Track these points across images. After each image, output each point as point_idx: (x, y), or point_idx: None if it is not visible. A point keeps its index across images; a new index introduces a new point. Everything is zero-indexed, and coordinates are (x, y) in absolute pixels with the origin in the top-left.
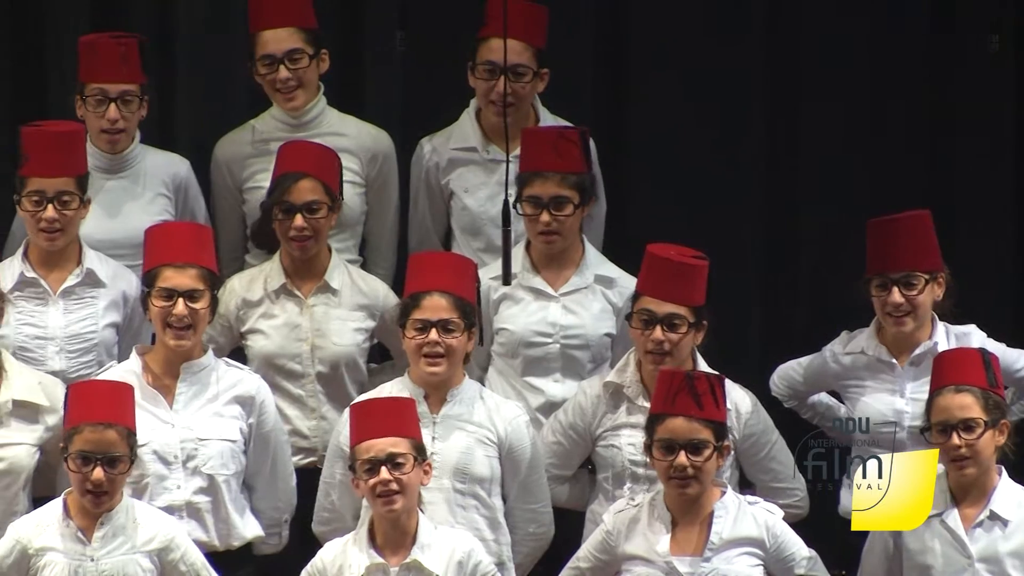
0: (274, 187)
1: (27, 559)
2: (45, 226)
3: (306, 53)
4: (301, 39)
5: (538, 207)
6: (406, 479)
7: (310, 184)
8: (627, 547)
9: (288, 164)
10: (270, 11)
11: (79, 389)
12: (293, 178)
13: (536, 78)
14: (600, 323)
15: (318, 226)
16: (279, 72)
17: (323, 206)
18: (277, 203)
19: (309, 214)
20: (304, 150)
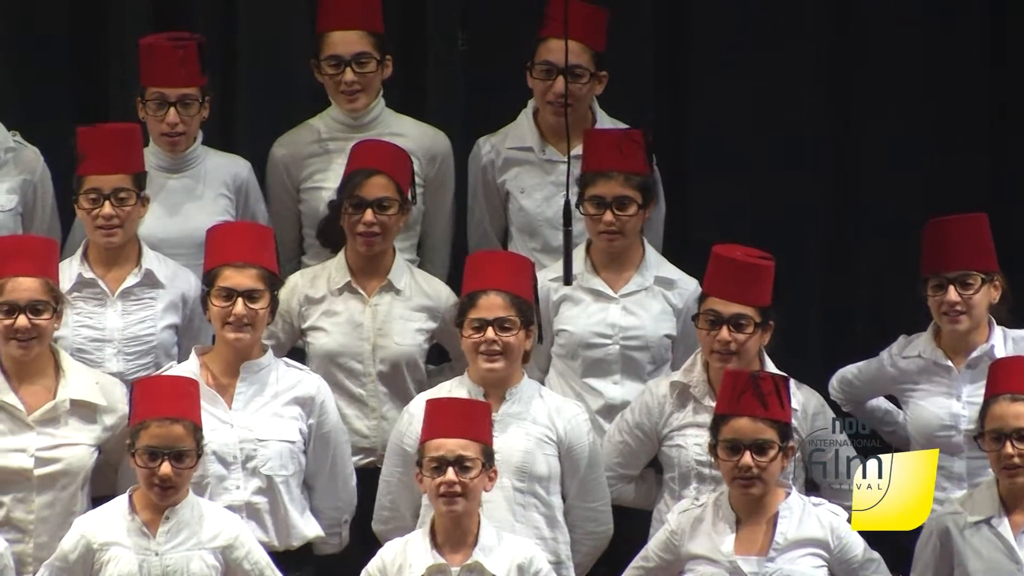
0: (345, 183)
1: (92, 554)
2: (102, 223)
3: (373, 58)
4: (369, 43)
5: (601, 207)
6: (471, 483)
7: (382, 181)
8: (691, 547)
9: (361, 161)
10: (340, 12)
11: (145, 385)
12: (365, 174)
13: (594, 80)
14: (660, 325)
15: (387, 223)
16: (345, 74)
17: (394, 204)
18: (348, 198)
19: (379, 211)
20: (378, 148)
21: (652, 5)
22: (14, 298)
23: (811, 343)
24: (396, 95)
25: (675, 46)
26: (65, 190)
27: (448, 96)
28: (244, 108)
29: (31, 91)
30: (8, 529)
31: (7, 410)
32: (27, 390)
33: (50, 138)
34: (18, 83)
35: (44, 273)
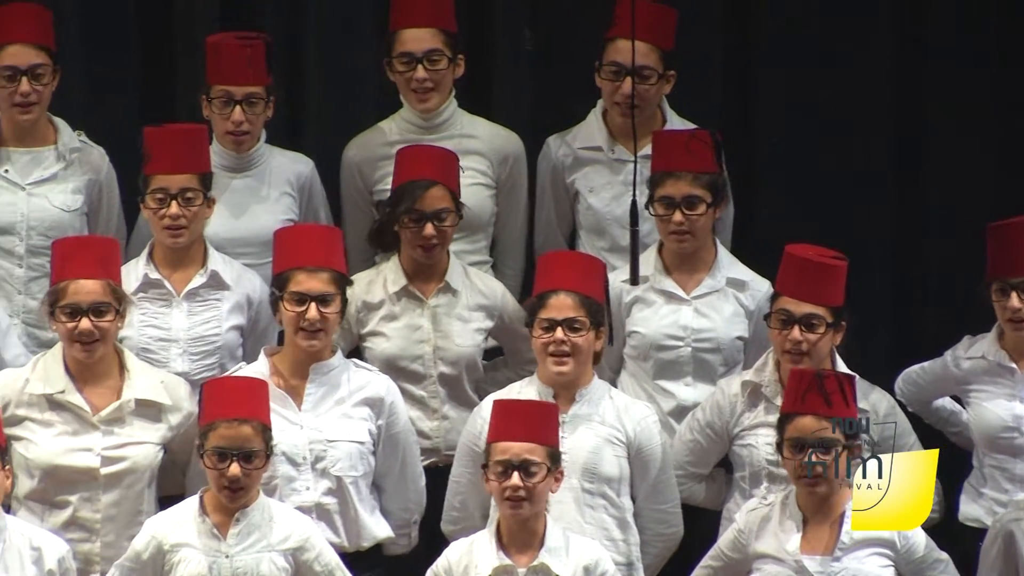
0: (402, 194)
1: (163, 555)
2: (169, 223)
3: (445, 55)
4: (441, 41)
5: (671, 207)
6: (536, 487)
7: (440, 192)
8: (758, 546)
9: (414, 170)
10: (413, 10)
11: (214, 386)
12: (423, 186)
13: (662, 80)
14: (732, 326)
15: (446, 233)
16: (416, 71)
17: (451, 214)
18: (407, 212)
19: (438, 222)
20: (427, 155)
21: (721, 3)
22: (76, 300)
23: (881, 344)
24: (464, 95)
25: (743, 45)
26: (130, 190)
27: (516, 96)
28: (311, 108)
29: (98, 90)
30: (75, 528)
31: (73, 410)
32: (92, 390)
33: (116, 138)
34: (85, 82)
35: (106, 274)
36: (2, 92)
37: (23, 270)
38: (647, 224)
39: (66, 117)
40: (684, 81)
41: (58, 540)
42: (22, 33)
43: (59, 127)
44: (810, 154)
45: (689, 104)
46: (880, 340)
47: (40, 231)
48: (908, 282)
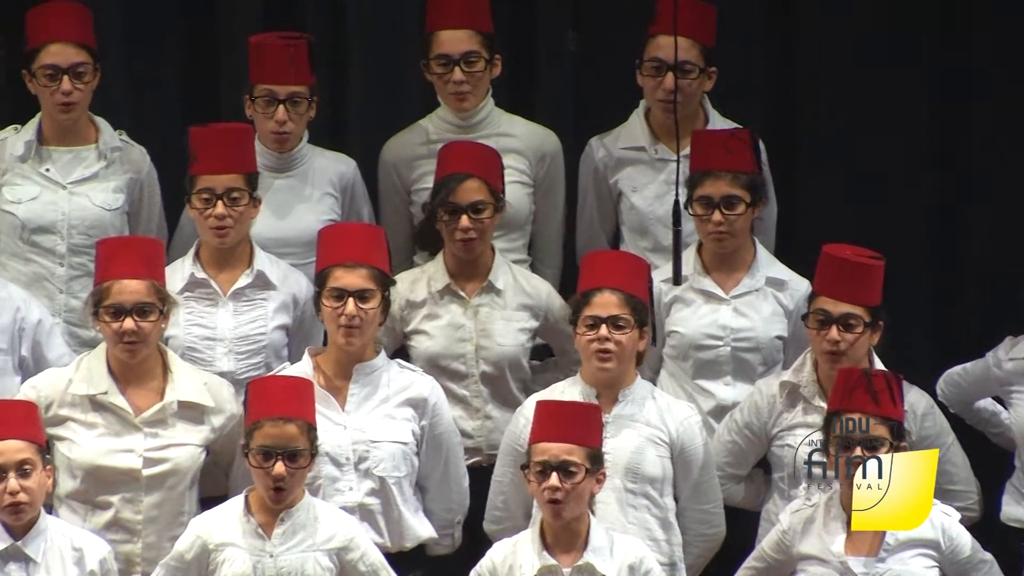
0: (439, 188)
1: (207, 554)
2: (215, 223)
3: (482, 57)
4: (478, 42)
5: (709, 207)
6: (575, 488)
7: (475, 184)
8: (802, 547)
9: (452, 165)
10: (450, 11)
11: (259, 385)
12: (458, 179)
13: (703, 76)
14: (771, 326)
15: (483, 227)
16: (453, 73)
17: (488, 206)
18: (442, 204)
19: (475, 215)
20: (467, 150)
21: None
22: (120, 300)
23: (922, 344)
24: (506, 95)
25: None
26: (173, 190)
27: (558, 95)
28: (354, 108)
29: (139, 89)
30: (117, 529)
31: (115, 412)
32: (135, 391)
33: (158, 137)
34: (127, 81)
35: (150, 275)
36: (43, 91)
37: (64, 269)
38: (688, 224)
39: (108, 116)
40: (725, 80)
41: (100, 541)
42: (63, 32)
43: (100, 126)
44: (852, 152)
45: (731, 103)
46: (920, 340)
47: (81, 230)
48: (949, 282)
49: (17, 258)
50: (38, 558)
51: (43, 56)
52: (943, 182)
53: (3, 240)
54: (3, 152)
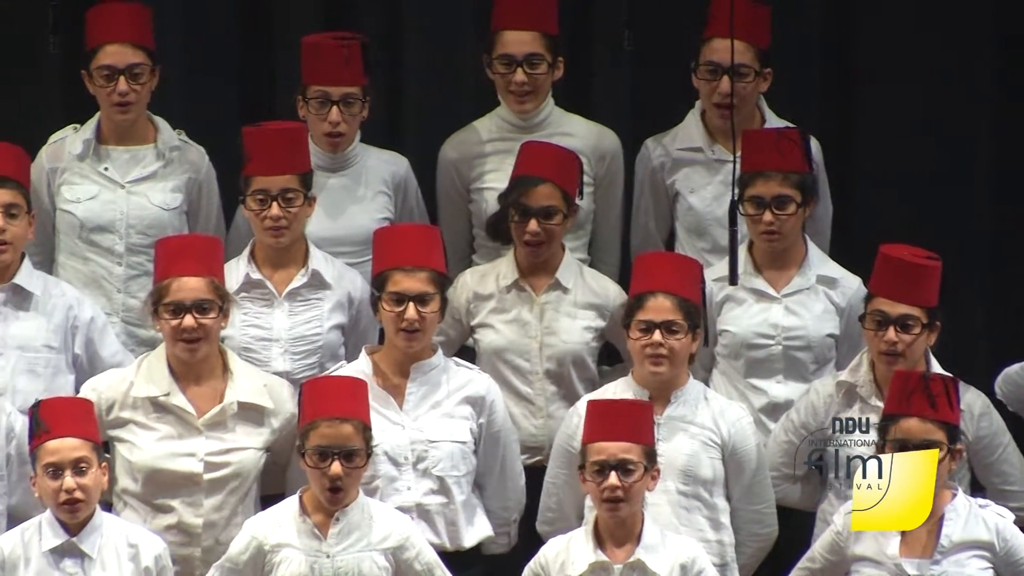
0: (513, 187)
1: (263, 555)
2: (270, 224)
3: (545, 60)
4: (542, 45)
5: (761, 207)
6: (634, 486)
7: (548, 190)
8: (856, 548)
9: (529, 166)
10: (517, 12)
11: (314, 386)
12: (533, 182)
13: (759, 78)
14: (823, 324)
15: (552, 232)
16: (516, 74)
17: (559, 212)
18: (514, 205)
19: (544, 219)
20: (546, 153)
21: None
22: (180, 298)
23: (978, 344)
24: (562, 95)
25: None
26: (229, 189)
27: (614, 96)
28: (409, 108)
29: (198, 89)
30: (177, 532)
31: (177, 413)
32: (196, 392)
33: (215, 137)
34: (185, 82)
35: (210, 272)
36: (100, 92)
37: (122, 268)
38: (743, 224)
39: (166, 116)
40: (781, 81)
41: (155, 538)
42: (120, 33)
43: (159, 126)
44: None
45: (786, 103)
46: (977, 340)
47: (139, 229)
48: (1004, 281)
49: (75, 257)
50: (93, 554)
51: (100, 57)
52: (998, 181)
53: (62, 239)
54: (62, 151)
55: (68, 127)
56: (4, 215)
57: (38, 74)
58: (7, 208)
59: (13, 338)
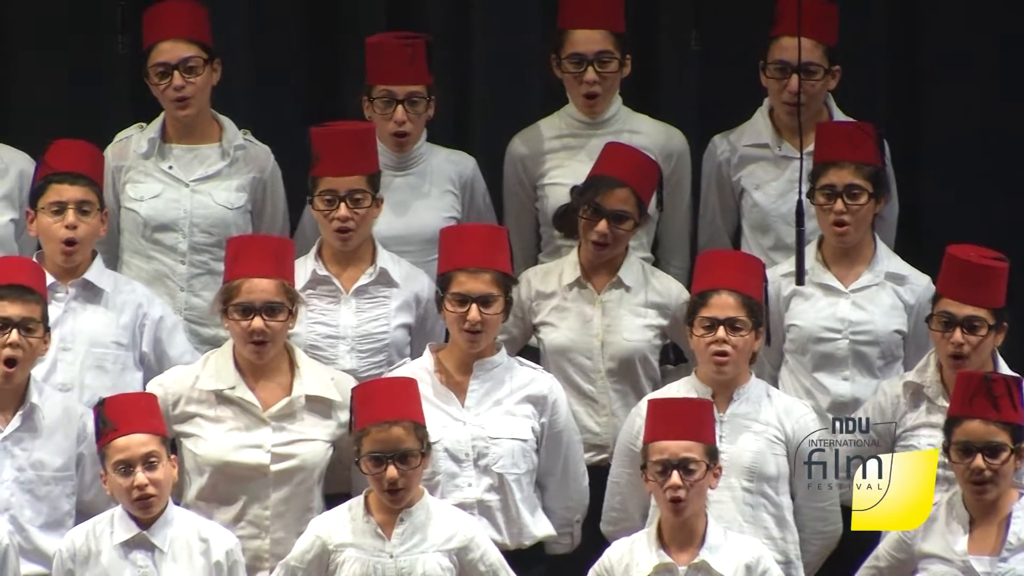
0: (589, 184)
1: (327, 555)
2: (338, 225)
3: (615, 57)
4: (612, 42)
5: (832, 197)
6: (696, 485)
7: (625, 194)
8: (924, 546)
9: (611, 167)
10: (585, 10)
11: (362, 391)
12: (611, 184)
13: (827, 76)
14: (890, 320)
15: (620, 236)
16: (586, 73)
17: (630, 219)
18: (588, 203)
19: (615, 223)
20: (629, 157)
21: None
22: (250, 299)
23: None
24: (629, 95)
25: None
26: (295, 189)
27: (681, 96)
28: (476, 107)
29: (265, 89)
30: (245, 525)
31: (243, 406)
32: (263, 387)
33: (281, 137)
34: (250, 81)
35: (280, 274)
36: (158, 89)
37: (186, 267)
38: (810, 223)
39: (231, 116)
40: (847, 79)
41: (226, 532)
42: (172, 29)
43: (224, 125)
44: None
45: (853, 102)
46: None
47: (203, 228)
48: None
49: (139, 256)
50: (164, 547)
51: (155, 54)
52: None
53: (126, 238)
54: (127, 150)
55: (134, 126)
56: (76, 212)
57: (107, 74)
58: (79, 205)
59: (82, 333)
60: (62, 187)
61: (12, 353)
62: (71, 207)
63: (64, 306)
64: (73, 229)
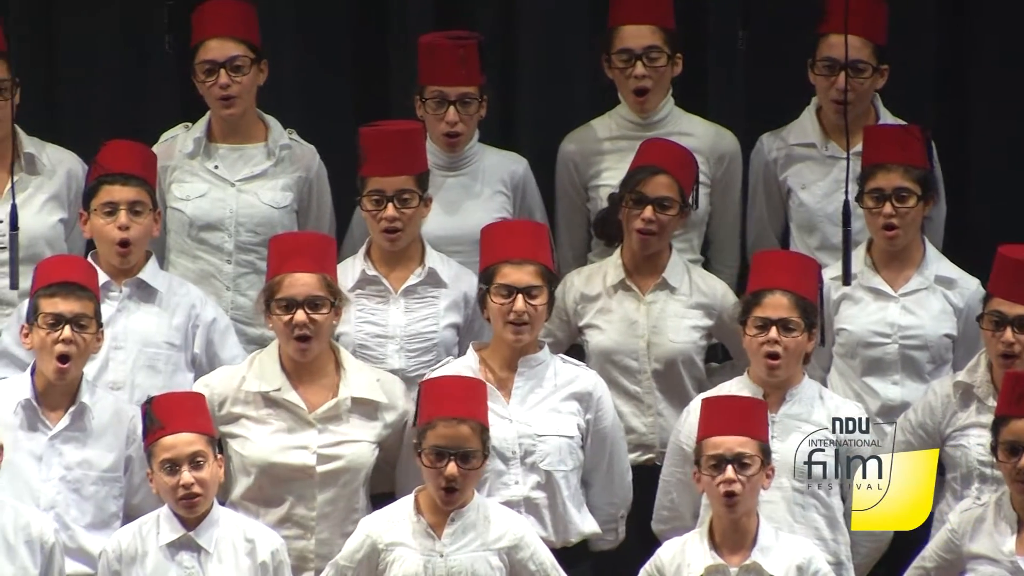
0: (629, 177)
1: (377, 554)
2: (386, 225)
3: (664, 53)
4: (661, 38)
5: (881, 200)
6: (750, 480)
7: (666, 180)
8: (972, 546)
9: (648, 158)
10: (634, 6)
11: (433, 384)
12: (650, 171)
13: (876, 74)
14: (940, 324)
15: (664, 223)
16: (635, 68)
17: (674, 204)
18: (630, 192)
19: (659, 209)
20: (666, 148)
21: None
22: (292, 294)
23: None
24: (677, 94)
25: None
26: (342, 189)
27: (729, 95)
28: (524, 107)
29: (312, 89)
30: (290, 526)
31: (289, 408)
32: (308, 388)
33: (329, 137)
34: (299, 81)
35: (322, 269)
36: (204, 87)
37: (232, 266)
38: (857, 223)
39: (278, 115)
40: (895, 78)
41: (272, 533)
42: (220, 27)
43: (270, 124)
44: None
45: (900, 101)
46: None
47: (249, 227)
48: None
49: (185, 255)
50: (210, 548)
51: (201, 52)
52: None
53: (172, 237)
54: (173, 150)
55: (180, 125)
56: (128, 212)
57: (153, 74)
58: (131, 205)
59: (135, 332)
60: (114, 188)
61: (65, 349)
62: (123, 208)
63: (117, 305)
64: (126, 230)
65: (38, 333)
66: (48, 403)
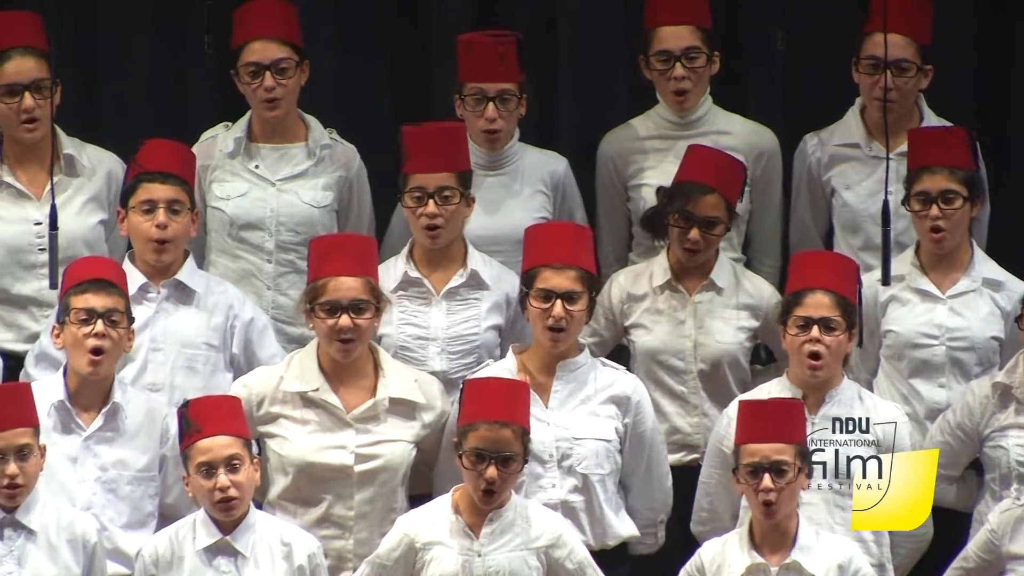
0: (677, 192)
1: (414, 552)
2: (427, 222)
3: (703, 52)
4: (699, 38)
5: (927, 203)
6: (788, 487)
7: (714, 200)
8: (1012, 547)
9: (697, 172)
10: (671, 7)
11: (476, 386)
12: (700, 191)
13: (920, 74)
14: (987, 326)
15: (712, 241)
16: (674, 69)
17: (721, 224)
18: (679, 211)
19: (706, 229)
20: (715, 160)
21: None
22: (337, 297)
23: None
24: (715, 94)
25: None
26: (383, 189)
27: (767, 95)
28: (563, 106)
29: (351, 88)
30: (328, 525)
31: (327, 408)
32: (346, 389)
33: (369, 136)
34: (338, 80)
35: (365, 272)
36: (248, 89)
37: (272, 266)
38: (902, 222)
39: (318, 115)
40: (939, 81)
41: (309, 536)
42: (264, 29)
43: (310, 124)
44: None
45: (943, 102)
46: None
47: (289, 227)
48: None
49: (226, 255)
50: (247, 552)
51: (246, 54)
52: None
53: (212, 237)
54: (213, 149)
55: (219, 125)
56: (167, 211)
57: (193, 74)
58: (170, 204)
59: (173, 334)
60: (153, 186)
61: (99, 343)
62: (162, 206)
63: (156, 306)
64: (163, 228)
65: (70, 330)
66: (81, 404)
